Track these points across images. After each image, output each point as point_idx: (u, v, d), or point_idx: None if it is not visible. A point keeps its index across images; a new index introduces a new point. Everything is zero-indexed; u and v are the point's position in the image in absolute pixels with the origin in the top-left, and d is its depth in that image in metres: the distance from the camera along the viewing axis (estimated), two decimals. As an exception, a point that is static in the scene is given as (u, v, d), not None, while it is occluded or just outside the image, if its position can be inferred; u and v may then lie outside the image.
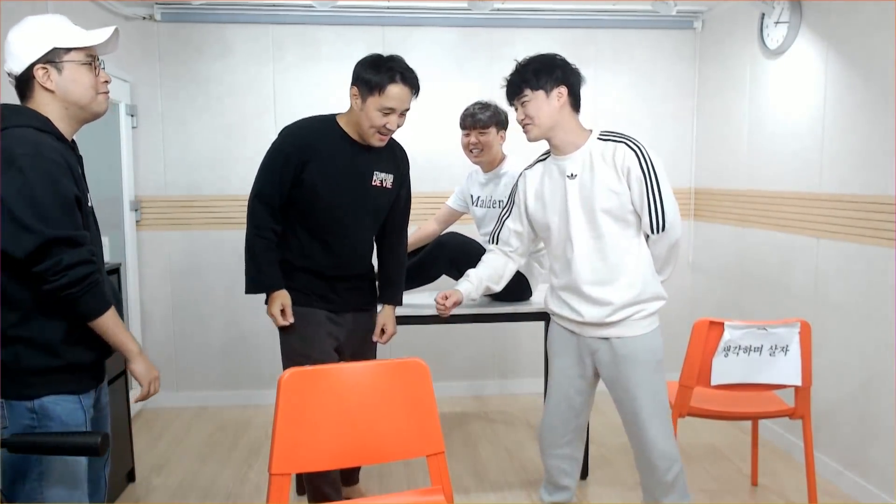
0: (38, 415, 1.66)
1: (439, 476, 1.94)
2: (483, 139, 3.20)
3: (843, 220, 3.04)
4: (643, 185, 2.24)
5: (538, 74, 2.31)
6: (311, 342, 2.56)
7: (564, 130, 2.34)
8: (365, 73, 2.44)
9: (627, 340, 2.32)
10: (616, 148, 2.28)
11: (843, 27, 3.06)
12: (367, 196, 2.57)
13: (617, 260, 2.30)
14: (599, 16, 4.20)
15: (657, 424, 2.33)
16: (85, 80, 1.72)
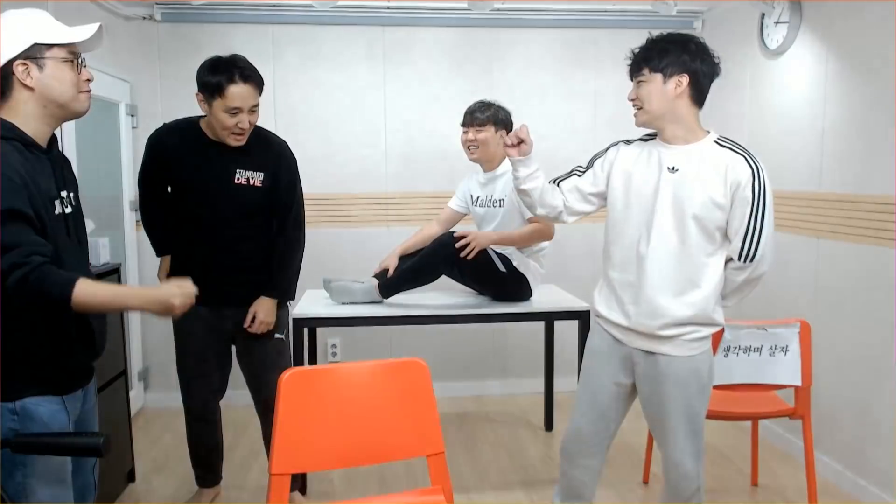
0: (20, 416, 1.62)
1: (439, 476, 1.94)
2: (480, 136, 3.21)
3: (843, 220, 3.04)
4: (748, 208, 2.03)
5: (663, 56, 2.07)
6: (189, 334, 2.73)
7: (676, 123, 2.12)
8: (204, 77, 2.50)
9: (673, 360, 2.13)
10: (733, 159, 2.07)
11: (843, 27, 3.06)
12: (231, 193, 2.62)
13: (689, 274, 2.09)
14: (599, 16, 4.20)
15: (687, 447, 2.20)
16: (66, 77, 1.65)
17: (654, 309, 2.11)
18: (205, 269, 2.58)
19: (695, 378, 2.15)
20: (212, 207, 2.63)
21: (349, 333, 4.24)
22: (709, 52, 2.11)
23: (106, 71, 3.64)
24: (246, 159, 2.63)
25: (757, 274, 2.10)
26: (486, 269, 3.15)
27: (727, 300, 2.18)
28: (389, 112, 4.22)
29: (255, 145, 2.64)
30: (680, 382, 2.14)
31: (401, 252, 3.32)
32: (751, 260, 2.06)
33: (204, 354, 2.77)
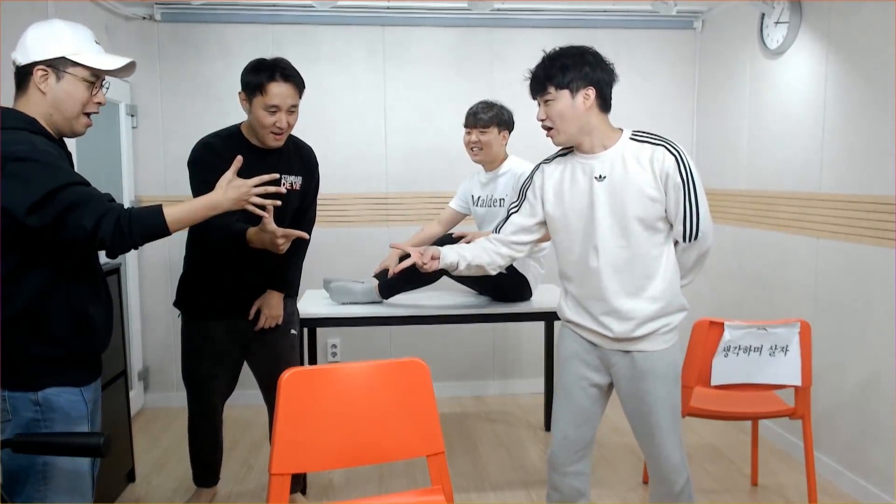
0: (42, 407, 1.66)
1: (439, 476, 1.94)
2: (483, 138, 3.21)
3: (843, 220, 3.04)
4: (680, 192, 2.07)
5: (565, 71, 2.11)
6: (207, 337, 2.69)
7: (592, 134, 2.15)
8: (247, 77, 2.52)
9: (649, 355, 2.16)
10: (654, 151, 2.09)
11: (843, 27, 3.06)
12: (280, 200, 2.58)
13: (644, 270, 2.13)
14: (599, 16, 4.20)
15: (673, 439, 2.20)
16: (78, 95, 1.74)
17: (622, 314, 2.14)
18: (236, 284, 2.62)
19: (672, 370, 2.20)
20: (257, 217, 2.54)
21: (349, 333, 4.24)
22: (604, 61, 2.17)
23: (106, 71, 3.64)
24: (287, 164, 2.65)
25: (704, 248, 2.18)
26: (486, 270, 3.14)
27: (684, 279, 2.24)
28: (389, 112, 4.22)
29: (292, 149, 2.69)
30: (659, 376, 2.17)
31: (400, 253, 3.32)
32: (695, 238, 2.12)
33: (221, 358, 2.75)
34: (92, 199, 1.64)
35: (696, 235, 2.11)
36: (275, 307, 2.71)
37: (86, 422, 1.75)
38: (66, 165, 1.69)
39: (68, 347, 1.70)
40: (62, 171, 1.63)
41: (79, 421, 1.72)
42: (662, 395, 2.17)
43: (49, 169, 1.60)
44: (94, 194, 1.66)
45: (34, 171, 1.58)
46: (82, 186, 1.65)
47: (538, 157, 3.35)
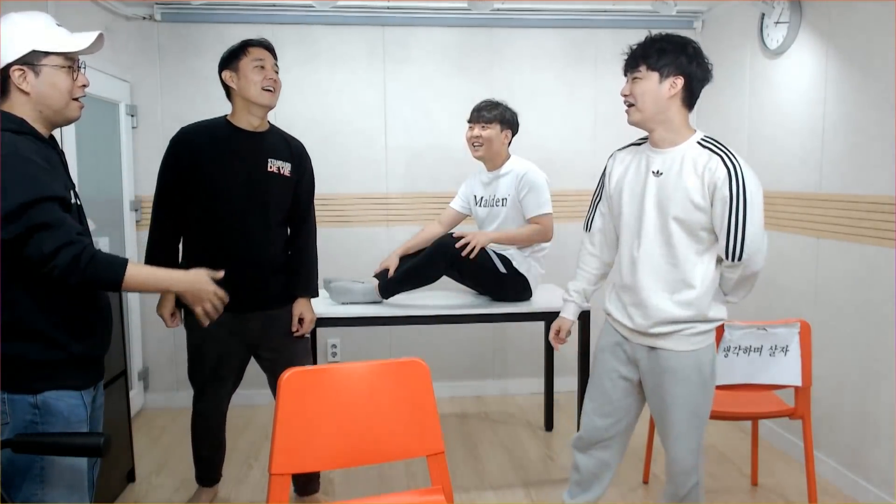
0: (41, 410, 1.65)
1: (439, 476, 1.94)
2: (485, 134, 3.23)
3: (843, 220, 3.04)
4: (727, 207, 2.03)
5: (661, 55, 2.10)
6: (208, 340, 2.67)
7: (665, 126, 2.15)
8: (226, 55, 2.61)
9: (673, 354, 2.16)
10: (710, 159, 2.07)
11: (843, 27, 3.06)
12: (264, 182, 2.62)
13: (681, 274, 2.12)
14: (599, 16, 4.20)
15: (687, 441, 2.22)
16: (62, 84, 1.69)
17: (649, 310, 2.16)
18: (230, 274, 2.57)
19: (696, 372, 2.17)
20: (245, 198, 2.59)
21: (349, 333, 4.24)
22: (704, 58, 2.15)
23: (106, 71, 3.64)
24: (275, 149, 2.67)
25: (749, 272, 2.11)
26: (486, 270, 3.15)
27: (730, 297, 2.21)
28: (389, 112, 4.22)
29: (280, 138, 2.72)
30: (681, 377, 2.17)
31: (402, 252, 3.32)
32: (738, 259, 2.06)
33: (223, 359, 2.73)
34: (62, 224, 1.59)
35: (740, 256, 2.05)
36: (310, 311, 2.79)
37: (85, 426, 1.74)
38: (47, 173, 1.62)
39: (67, 352, 1.68)
40: (39, 182, 1.58)
41: (77, 425, 1.71)
42: (681, 396, 2.18)
43: (25, 180, 1.55)
44: (65, 220, 1.61)
45: (11, 179, 1.53)
46: (54, 203, 1.60)
47: (539, 157, 3.36)
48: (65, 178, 1.71)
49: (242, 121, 2.62)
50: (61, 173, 1.70)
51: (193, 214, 2.63)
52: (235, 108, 2.63)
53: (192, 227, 2.66)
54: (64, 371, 1.69)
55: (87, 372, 1.77)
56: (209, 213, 2.60)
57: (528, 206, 3.18)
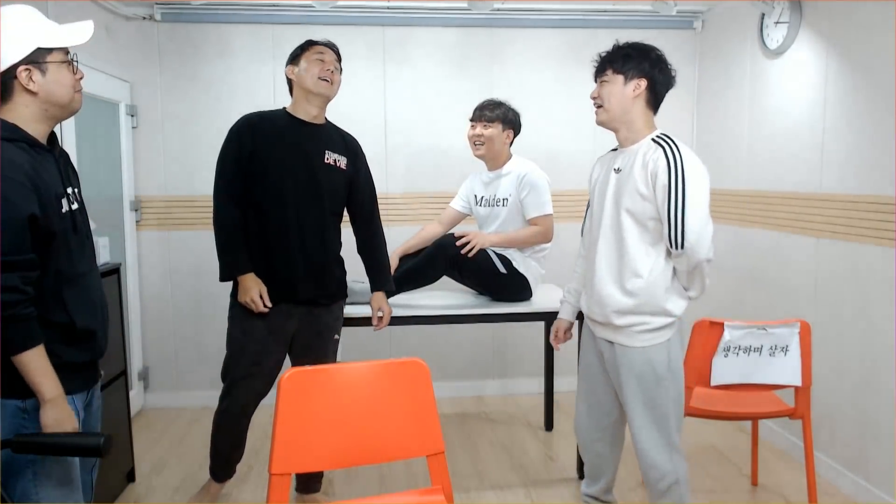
0: (30, 415, 1.62)
1: (439, 476, 1.94)
2: (486, 133, 3.23)
3: (843, 220, 3.04)
4: (666, 195, 2.14)
5: (626, 60, 2.26)
6: (249, 334, 2.65)
7: (628, 126, 2.29)
8: (290, 55, 2.71)
9: (627, 350, 2.28)
10: (655, 151, 2.19)
11: (843, 27, 3.06)
12: (321, 172, 2.65)
13: (630, 264, 2.23)
14: (599, 16, 4.20)
15: (646, 436, 2.29)
16: (66, 80, 1.67)
17: (601, 298, 2.30)
18: (282, 262, 2.62)
19: (649, 369, 2.26)
20: (305, 183, 2.61)
21: (349, 333, 4.22)
22: (667, 64, 2.30)
23: (106, 71, 3.64)
24: (332, 141, 2.71)
25: (695, 261, 2.17)
26: (486, 270, 3.15)
27: (689, 291, 2.30)
28: (389, 112, 4.22)
29: (336, 132, 2.78)
30: (634, 372, 2.28)
31: (402, 252, 3.33)
32: (680, 247, 2.14)
33: (260, 357, 2.68)
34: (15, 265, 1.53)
35: (682, 244, 2.14)
36: (387, 305, 2.87)
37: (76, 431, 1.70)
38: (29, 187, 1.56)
39: (57, 356, 1.64)
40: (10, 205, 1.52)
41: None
42: (634, 392, 2.29)
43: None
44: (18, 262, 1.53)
45: None
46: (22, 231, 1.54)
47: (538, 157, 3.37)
48: (55, 185, 1.65)
49: (300, 111, 2.66)
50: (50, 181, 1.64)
51: (250, 202, 2.62)
52: (295, 99, 2.69)
53: (247, 215, 2.63)
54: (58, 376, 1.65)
55: (79, 376, 1.75)
56: (265, 202, 2.60)
57: (529, 207, 3.18)
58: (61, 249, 1.65)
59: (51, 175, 1.65)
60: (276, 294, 2.63)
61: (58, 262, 1.65)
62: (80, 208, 1.78)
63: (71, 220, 1.70)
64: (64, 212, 1.67)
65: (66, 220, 1.67)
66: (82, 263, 1.73)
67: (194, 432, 3.79)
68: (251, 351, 2.66)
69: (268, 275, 2.63)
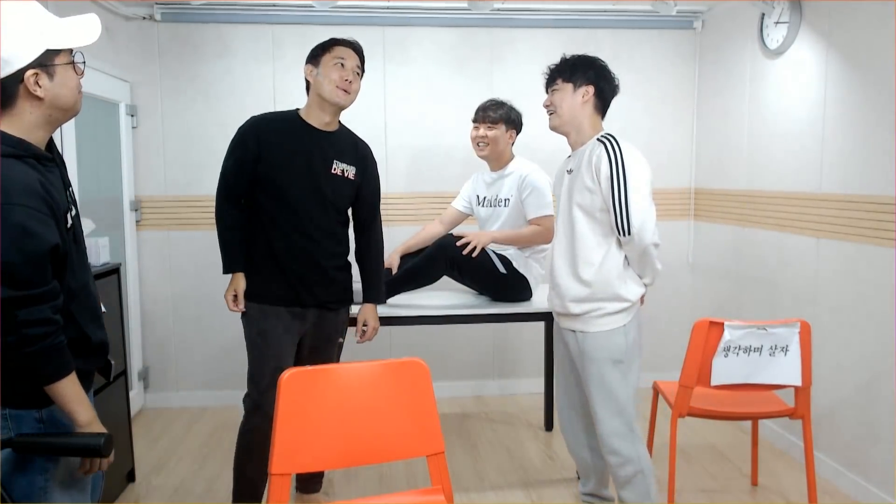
0: (46, 424, 1.59)
1: (439, 476, 1.94)
2: (490, 133, 3.25)
3: (843, 220, 3.04)
4: (609, 184, 2.30)
5: (573, 69, 2.45)
6: (266, 336, 2.59)
7: (577, 129, 2.47)
8: (313, 50, 2.60)
9: (587, 336, 2.41)
10: (597, 148, 2.36)
11: (843, 27, 3.06)
12: (326, 183, 2.58)
13: (582, 254, 2.39)
14: (599, 16, 4.20)
15: (607, 421, 2.41)
16: (72, 83, 1.55)
17: (560, 289, 2.45)
18: (291, 266, 2.57)
19: (606, 354, 2.40)
20: (307, 192, 2.54)
21: (349, 333, 4.23)
22: (610, 73, 2.50)
23: (106, 71, 3.64)
24: (342, 151, 2.63)
25: (642, 246, 2.33)
26: (486, 270, 3.15)
27: (643, 277, 2.45)
28: (390, 112, 4.22)
29: (349, 139, 2.70)
30: (593, 358, 2.41)
31: (402, 252, 3.33)
32: (627, 233, 2.31)
33: (280, 360, 2.57)
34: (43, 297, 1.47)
35: (629, 230, 2.30)
36: (375, 319, 2.80)
37: None
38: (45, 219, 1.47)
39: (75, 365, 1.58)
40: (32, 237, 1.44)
41: None
42: (594, 376, 2.41)
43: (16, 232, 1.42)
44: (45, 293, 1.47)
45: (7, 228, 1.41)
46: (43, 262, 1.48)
47: (538, 158, 3.37)
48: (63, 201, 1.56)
49: (313, 117, 2.58)
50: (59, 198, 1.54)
51: (256, 206, 2.58)
52: (309, 103, 2.60)
53: (253, 219, 2.60)
54: None
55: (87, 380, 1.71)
56: (272, 207, 2.55)
57: (530, 208, 3.19)
58: (68, 266, 1.58)
59: (58, 191, 1.55)
60: (286, 297, 2.59)
61: (66, 279, 1.58)
62: (76, 216, 1.69)
63: (73, 234, 1.61)
64: (69, 227, 1.58)
65: (70, 235, 1.59)
66: (82, 274, 1.67)
67: (194, 432, 3.79)
68: (271, 355, 2.57)
69: (277, 278, 2.58)
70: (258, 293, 2.60)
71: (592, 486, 2.70)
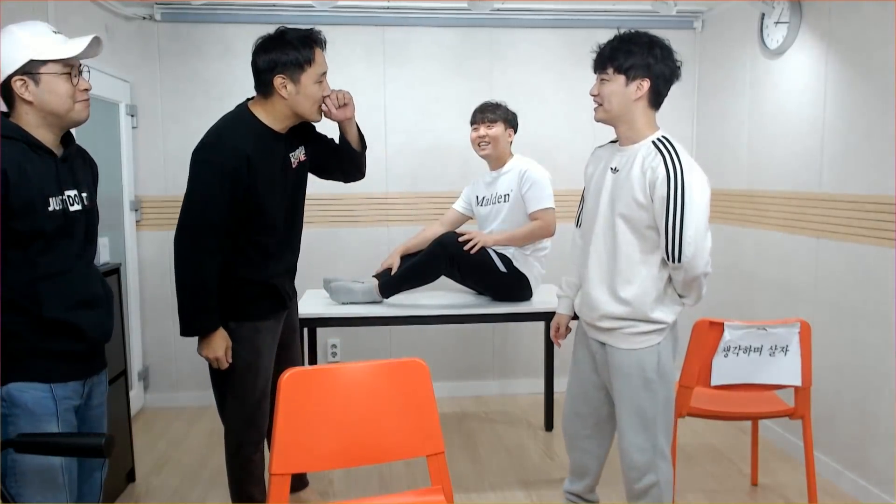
0: (6, 402, 1.67)
1: (439, 476, 1.94)
2: (491, 132, 3.28)
3: (843, 220, 3.04)
4: (664, 207, 2.06)
5: (628, 57, 2.12)
6: (260, 353, 2.42)
7: (629, 124, 2.19)
8: (285, 56, 2.26)
9: (617, 351, 2.24)
10: (655, 158, 2.10)
11: (843, 27, 3.06)
12: (295, 176, 2.45)
13: (623, 272, 2.18)
14: (599, 16, 4.20)
15: (632, 437, 2.26)
16: (61, 90, 1.74)
17: (592, 302, 2.26)
18: (278, 280, 2.44)
19: (637, 371, 2.22)
20: (287, 196, 2.41)
21: (349, 333, 4.24)
22: (673, 57, 2.17)
23: (106, 71, 3.64)
24: (291, 142, 2.44)
25: (692, 275, 2.12)
26: (486, 270, 3.15)
27: (685, 299, 2.25)
28: (390, 112, 4.22)
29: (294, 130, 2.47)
30: (622, 374, 2.24)
31: (403, 251, 3.34)
32: (678, 260, 2.09)
33: (268, 371, 2.46)
34: None
35: (680, 259, 2.08)
36: None
37: (54, 420, 1.71)
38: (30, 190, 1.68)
39: (30, 341, 1.69)
40: None
41: (45, 419, 1.70)
42: (624, 393, 2.25)
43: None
44: None
45: None
46: None
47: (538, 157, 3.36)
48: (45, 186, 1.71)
49: (278, 125, 2.35)
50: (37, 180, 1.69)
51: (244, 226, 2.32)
52: (274, 111, 2.33)
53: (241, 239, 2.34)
54: (27, 362, 1.69)
55: (62, 365, 1.75)
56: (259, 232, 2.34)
57: (530, 201, 3.21)
58: (45, 246, 1.71)
59: (40, 176, 1.71)
60: (273, 306, 2.47)
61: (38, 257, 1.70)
62: (83, 211, 1.82)
63: (62, 220, 1.74)
64: (51, 210, 1.71)
65: (54, 219, 1.72)
66: (69, 261, 1.77)
67: (194, 432, 3.79)
68: (264, 367, 2.44)
69: (264, 293, 2.43)
70: (248, 312, 2.39)
71: (580, 489, 2.59)
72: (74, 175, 1.82)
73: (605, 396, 2.42)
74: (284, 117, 2.36)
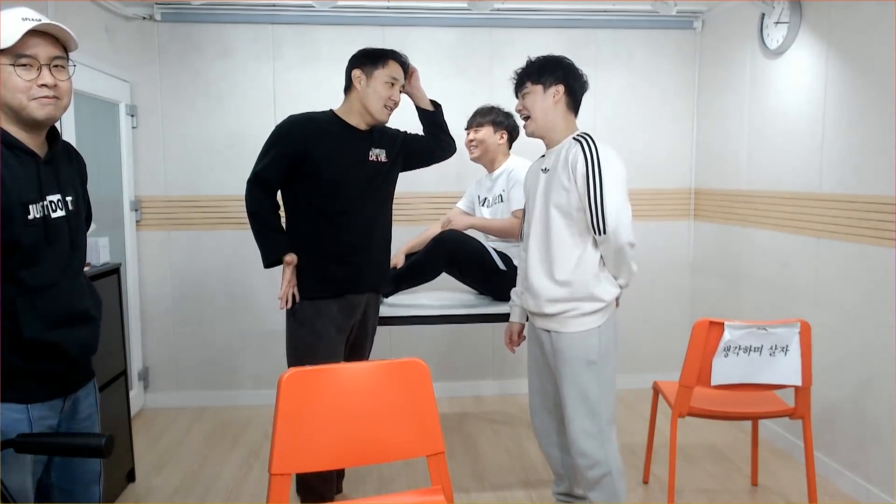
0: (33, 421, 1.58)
1: (439, 476, 1.94)
2: (477, 136, 3.31)
3: (843, 220, 3.05)
4: (585, 182, 2.30)
5: (541, 70, 2.45)
6: (320, 336, 2.59)
7: (553, 130, 2.46)
8: (365, 56, 2.66)
9: (561, 336, 2.39)
10: (573, 147, 2.35)
11: (843, 27, 3.06)
12: (369, 169, 2.66)
13: (558, 255, 2.37)
14: (599, 16, 4.20)
15: (578, 422, 2.39)
16: (11, 83, 1.57)
17: (534, 290, 2.44)
18: (346, 257, 2.61)
19: (582, 354, 2.38)
20: (354, 183, 2.61)
21: (349, 333, 4.23)
22: (577, 70, 2.50)
23: (106, 71, 3.64)
24: (374, 139, 2.72)
25: (618, 245, 2.32)
26: (486, 269, 3.16)
27: (618, 278, 2.43)
28: (389, 112, 4.21)
29: (377, 130, 2.76)
30: (567, 358, 2.39)
31: (406, 251, 3.36)
32: (602, 231, 2.30)
33: (330, 360, 2.56)
34: None
35: (604, 229, 2.29)
36: None
37: None
38: None
39: (6, 363, 1.55)
40: None
41: None
42: (568, 377, 2.40)
43: None
44: None
45: None
46: None
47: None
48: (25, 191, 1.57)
49: (353, 120, 2.67)
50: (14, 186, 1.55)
51: (307, 203, 2.61)
52: (350, 108, 2.67)
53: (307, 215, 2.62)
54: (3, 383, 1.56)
55: (43, 384, 1.65)
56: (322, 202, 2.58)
57: (512, 200, 3.25)
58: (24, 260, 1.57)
59: (19, 181, 1.57)
60: (340, 286, 2.62)
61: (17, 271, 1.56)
62: (67, 216, 1.68)
63: (43, 229, 1.60)
64: (31, 218, 1.57)
65: (35, 229, 1.58)
66: (53, 273, 1.63)
67: (194, 432, 3.79)
68: (322, 355, 2.57)
69: (331, 270, 2.60)
70: (311, 289, 2.60)
71: (566, 486, 2.70)
72: (58, 177, 1.66)
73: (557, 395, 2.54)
74: (357, 112, 2.66)
